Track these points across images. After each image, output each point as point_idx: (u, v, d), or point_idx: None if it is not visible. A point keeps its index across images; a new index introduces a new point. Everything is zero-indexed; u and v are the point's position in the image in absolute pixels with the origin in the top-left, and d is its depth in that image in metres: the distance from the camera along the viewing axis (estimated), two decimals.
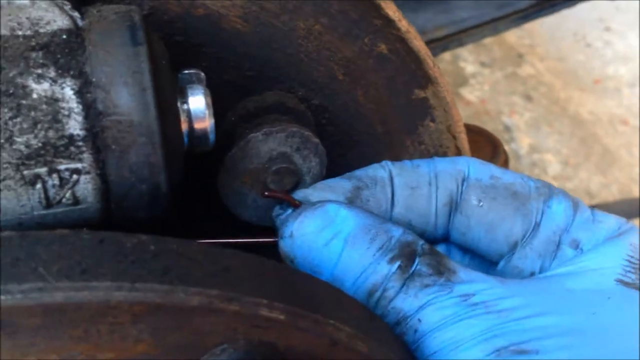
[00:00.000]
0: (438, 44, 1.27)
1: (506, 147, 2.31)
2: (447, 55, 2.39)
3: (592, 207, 1.30)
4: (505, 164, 0.76)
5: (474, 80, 2.32)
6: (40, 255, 0.28)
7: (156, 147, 0.34)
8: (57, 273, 0.28)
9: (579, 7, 1.85)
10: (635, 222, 1.95)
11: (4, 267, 0.28)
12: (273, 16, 0.45)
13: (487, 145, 0.75)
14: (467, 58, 2.41)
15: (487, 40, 2.44)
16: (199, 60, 0.44)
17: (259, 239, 0.44)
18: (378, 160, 0.54)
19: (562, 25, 2.50)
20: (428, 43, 1.32)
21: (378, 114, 0.55)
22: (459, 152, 0.61)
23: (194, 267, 0.30)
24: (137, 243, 0.30)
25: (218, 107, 0.41)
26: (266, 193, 0.46)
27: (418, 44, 0.51)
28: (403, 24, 0.50)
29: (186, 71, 0.40)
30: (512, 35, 2.47)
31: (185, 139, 0.38)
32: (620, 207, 1.90)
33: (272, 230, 0.50)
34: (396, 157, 0.58)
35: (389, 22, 0.50)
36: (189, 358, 0.29)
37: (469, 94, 2.29)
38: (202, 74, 0.40)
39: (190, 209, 0.48)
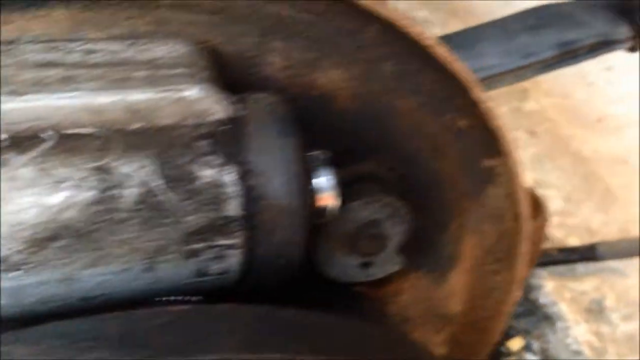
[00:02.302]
0: None
1: None
2: None
3: (594, 244, 1.36)
4: (546, 221, 0.80)
5: None
6: (218, 328, 0.33)
7: (300, 228, 0.38)
8: (236, 345, 0.32)
9: None
10: (635, 261, 2.00)
11: (189, 339, 0.32)
12: (377, 96, 0.50)
13: (530, 202, 0.80)
14: None
15: None
16: (307, 135, 0.49)
17: None
18: (446, 226, 0.59)
19: None
20: None
21: (451, 182, 0.60)
22: (515, 216, 0.66)
23: (338, 341, 0.34)
24: (290, 316, 0.34)
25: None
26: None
27: (497, 123, 0.56)
28: (484, 105, 0.55)
29: (315, 152, 0.44)
30: None
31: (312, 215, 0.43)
32: (621, 245, 1.95)
33: (352, 286, 0.54)
34: (461, 220, 0.63)
35: (473, 102, 0.55)
36: None
37: None
38: (329, 154, 0.44)
39: None
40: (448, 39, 1.29)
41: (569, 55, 1.32)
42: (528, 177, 2.17)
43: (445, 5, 2.82)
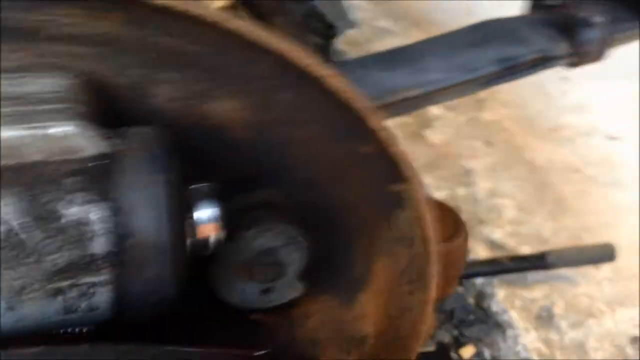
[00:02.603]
0: (410, 103, 1.33)
1: (465, 190, 2.42)
2: None
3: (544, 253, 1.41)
4: (465, 241, 0.82)
5: (438, 122, 2.41)
6: None
7: (168, 264, 0.39)
8: None
9: None
10: (585, 269, 2.04)
11: None
12: (272, 126, 0.51)
13: (449, 221, 0.82)
14: None
15: None
16: (201, 164, 0.49)
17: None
18: (353, 249, 0.60)
19: None
20: (399, 103, 1.40)
21: (358, 208, 0.61)
22: (424, 239, 0.67)
23: None
24: (157, 355, 0.34)
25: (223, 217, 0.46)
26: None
27: (396, 149, 0.57)
28: (384, 133, 0.56)
29: (198, 185, 0.44)
30: None
31: (193, 247, 0.43)
32: (570, 254, 1.99)
33: (256, 312, 0.55)
34: (370, 243, 0.64)
35: (372, 130, 0.56)
36: None
37: (433, 136, 2.36)
38: (213, 186, 0.44)
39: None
40: (393, 53, 1.31)
41: (511, 70, 1.35)
42: (484, 186, 2.21)
43: (407, 16, 2.85)
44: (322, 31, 1.59)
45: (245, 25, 0.48)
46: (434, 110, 2.50)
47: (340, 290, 0.63)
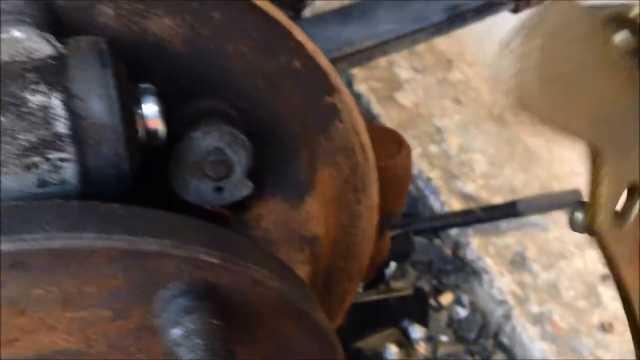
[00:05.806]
0: (364, 55, 1.42)
1: (437, 148, 2.48)
2: (382, 62, 2.54)
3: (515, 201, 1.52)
4: (408, 157, 0.91)
5: (408, 85, 2.48)
6: (44, 215, 0.41)
7: (121, 141, 0.47)
8: (57, 227, 0.40)
9: (505, 17, 2.04)
10: (555, 215, 2.11)
11: (18, 223, 0.40)
12: (207, 40, 0.59)
13: (393, 141, 0.90)
14: (402, 64, 2.56)
15: (420, 48, 2.61)
16: (149, 76, 0.57)
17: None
18: (296, 157, 0.68)
19: (489, 33, 2.69)
20: (355, 54, 1.48)
21: (295, 118, 0.69)
22: (362, 147, 0.75)
23: (151, 225, 0.43)
24: (110, 208, 0.43)
25: (165, 113, 0.54)
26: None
27: (323, 61, 0.65)
28: (310, 46, 0.63)
29: (142, 85, 0.53)
30: (443, 43, 2.65)
31: (143, 136, 0.51)
32: (539, 201, 2.07)
33: (208, 211, 0.63)
34: (312, 152, 0.72)
35: (300, 44, 0.64)
36: (150, 291, 0.42)
37: (404, 98, 2.44)
38: (154, 87, 0.52)
39: (150, 192, 0.61)
40: (347, 9, 1.39)
41: (458, 18, 1.43)
42: (455, 142, 2.29)
43: None
44: (289, 2, 1.66)
45: None
46: (404, 73, 2.57)
47: (287, 194, 0.70)
